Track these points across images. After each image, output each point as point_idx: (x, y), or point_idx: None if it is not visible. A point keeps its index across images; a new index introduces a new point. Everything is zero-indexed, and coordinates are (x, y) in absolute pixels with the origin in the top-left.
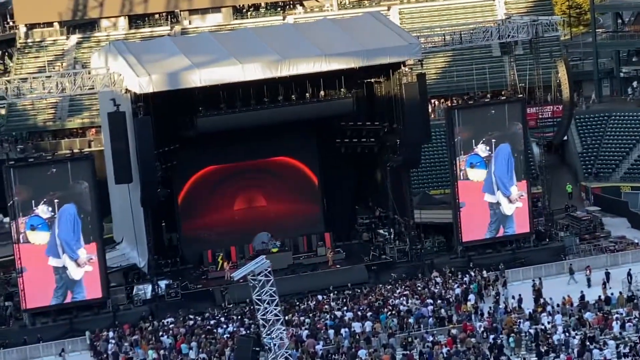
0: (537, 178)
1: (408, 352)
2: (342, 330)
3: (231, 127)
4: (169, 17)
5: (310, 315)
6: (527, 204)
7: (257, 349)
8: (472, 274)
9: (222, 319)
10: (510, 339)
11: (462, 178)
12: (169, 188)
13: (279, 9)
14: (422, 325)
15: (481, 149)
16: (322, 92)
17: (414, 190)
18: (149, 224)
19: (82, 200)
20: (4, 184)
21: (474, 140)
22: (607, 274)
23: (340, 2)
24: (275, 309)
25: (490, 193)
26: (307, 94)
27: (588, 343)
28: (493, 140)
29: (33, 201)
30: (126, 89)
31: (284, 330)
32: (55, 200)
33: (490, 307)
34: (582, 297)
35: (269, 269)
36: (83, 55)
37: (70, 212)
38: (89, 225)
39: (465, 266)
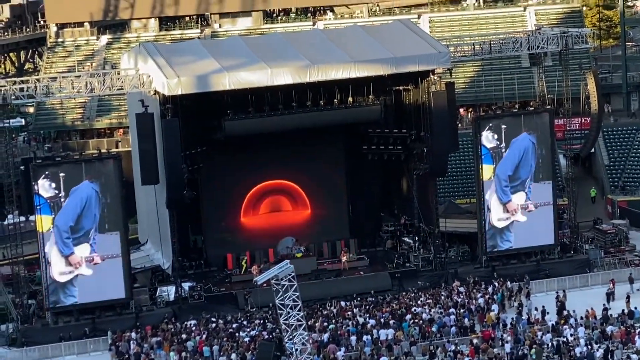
0: (564, 190)
1: None
2: (364, 337)
3: (259, 131)
4: (200, 19)
5: (333, 321)
6: (553, 214)
7: (279, 353)
8: (496, 284)
9: (245, 323)
10: (532, 351)
11: None
12: (195, 190)
13: (309, 14)
14: (444, 334)
15: (486, 138)
16: (350, 99)
17: (440, 198)
18: (174, 226)
19: (106, 181)
20: (30, 182)
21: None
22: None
23: (371, 9)
24: (298, 314)
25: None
26: (335, 100)
27: (610, 357)
28: (504, 127)
29: (32, 173)
30: (155, 91)
31: (306, 335)
32: (61, 174)
33: (512, 318)
34: (605, 311)
35: (293, 274)
36: (113, 56)
37: (84, 194)
38: (112, 214)
39: (489, 276)
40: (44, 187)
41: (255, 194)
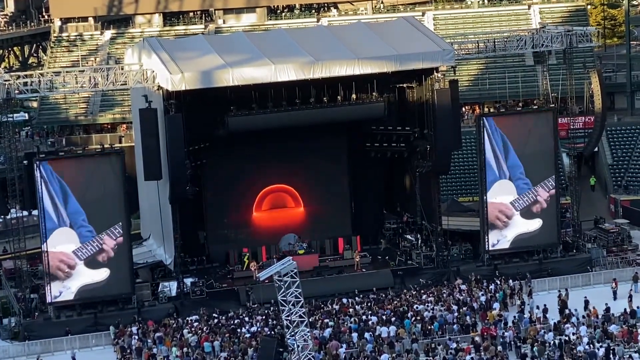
0: (566, 189)
1: (431, 358)
2: (366, 334)
3: (262, 127)
4: (204, 15)
5: (335, 318)
6: (556, 213)
7: (281, 349)
8: (498, 282)
9: (246, 319)
10: (535, 349)
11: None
12: (198, 186)
13: (314, 10)
14: (445, 332)
15: None
16: (353, 96)
17: (443, 196)
18: (176, 222)
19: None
20: (34, 177)
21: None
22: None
23: (375, 6)
24: (300, 311)
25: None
26: (338, 97)
27: (612, 356)
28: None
29: None
30: (158, 86)
31: (308, 332)
32: None
33: (514, 317)
34: (607, 310)
35: (295, 271)
36: (117, 51)
37: None
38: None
39: (491, 274)
40: None
41: (258, 191)
